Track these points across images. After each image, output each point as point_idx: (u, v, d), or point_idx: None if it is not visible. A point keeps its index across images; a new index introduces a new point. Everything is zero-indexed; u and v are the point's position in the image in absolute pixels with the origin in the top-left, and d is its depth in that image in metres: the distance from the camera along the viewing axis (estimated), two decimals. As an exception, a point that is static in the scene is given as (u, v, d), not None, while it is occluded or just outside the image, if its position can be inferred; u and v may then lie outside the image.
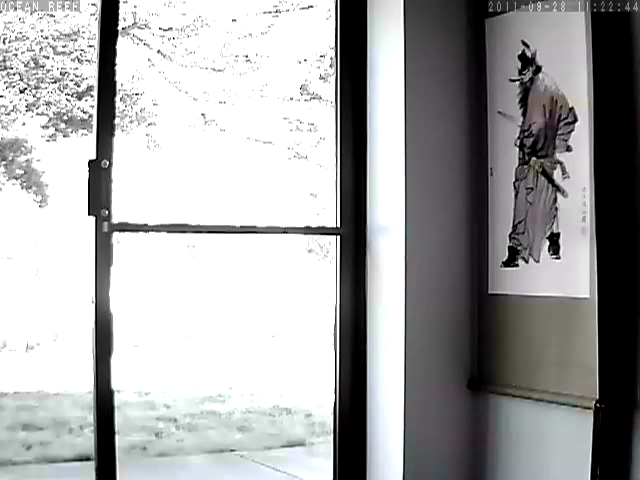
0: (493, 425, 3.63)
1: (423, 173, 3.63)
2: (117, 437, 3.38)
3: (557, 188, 3.38)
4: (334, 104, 3.81)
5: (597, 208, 3.21)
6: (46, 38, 9.31)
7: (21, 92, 9.39)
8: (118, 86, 3.42)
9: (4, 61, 9.26)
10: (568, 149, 3.34)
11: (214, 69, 9.72)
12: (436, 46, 3.65)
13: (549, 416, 3.41)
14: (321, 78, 9.85)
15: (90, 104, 9.27)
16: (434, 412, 3.63)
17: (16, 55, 9.27)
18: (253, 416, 8.29)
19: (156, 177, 9.64)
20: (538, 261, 3.45)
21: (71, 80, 9.51)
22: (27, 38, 9.23)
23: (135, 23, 9.50)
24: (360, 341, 3.73)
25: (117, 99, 3.42)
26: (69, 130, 9.66)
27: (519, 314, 3.51)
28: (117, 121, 3.41)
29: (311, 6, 9.61)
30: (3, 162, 9.63)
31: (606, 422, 3.18)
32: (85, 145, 8.76)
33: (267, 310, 10.37)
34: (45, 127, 9.64)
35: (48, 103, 9.50)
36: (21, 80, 9.36)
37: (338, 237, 3.77)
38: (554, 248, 3.38)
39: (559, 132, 3.37)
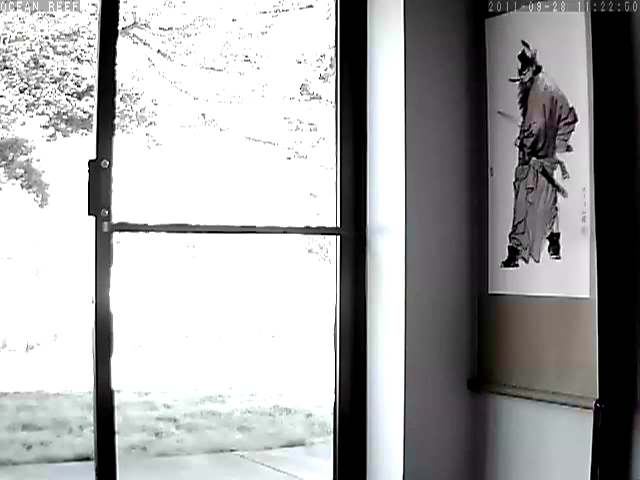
0: (493, 425, 3.63)
1: (423, 173, 3.63)
2: (117, 437, 3.38)
3: (557, 188, 3.38)
4: (334, 104, 3.81)
5: (597, 208, 3.21)
6: (46, 38, 9.31)
7: (21, 92, 9.39)
8: (118, 86, 3.43)
9: (4, 61, 9.26)
10: (568, 149, 3.34)
11: (214, 69, 9.72)
12: (436, 46, 3.65)
13: (549, 416, 3.41)
14: (321, 78, 9.84)
15: (90, 104, 9.27)
16: (434, 412, 3.63)
17: (16, 55, 9.27)
18: (253, 416, 8.29)
19: (156, 177, 9.64)
20: (538, 261, 3.45)
21: (71, 80, 9.51)
22: (27, 38, 9.23)
23: (135, 23, 9.50)
24: (360, 341, 3.73)
25: (117, 99, 3.42)
26: (69, 130, 9.66)
27: (519, 314, 3.51)
28: (117, 121, 3.41)
29: (311, 6, 9.61)
30: (3, 162, 9.63)
31: (606, 422, 3.18)
32: (85, 145, 8.76)
33: (267, 310, 10.37)
34: (45, 127, 9.64)
35: (48, 103, 9.50)
36: (21, 80, 9.36)
37: (338, 237, 3.77)
38: (554, 248, 3.38)
39: (559, 132, 3.37)
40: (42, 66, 9.42)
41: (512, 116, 3.55)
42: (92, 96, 8.46)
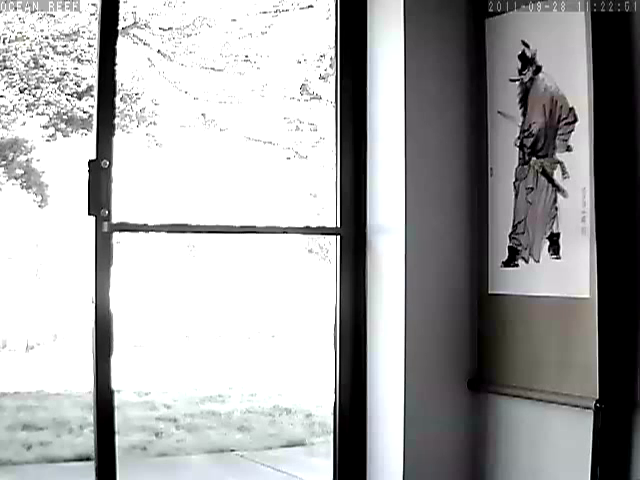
0: (493, 425, 3.63)
1: (423, 173, 3.63)
2: (117, 437, 3.38)
3: (557, 188, 3.38)
4: (334, 104, 3.81)
5: (597, 208, 3.21)
6: (46, 38, 9.31)
7: (21, 92, 9.38)
8: (118, 86, 3.42)
9: (4, 61, 9.26)
10: (568, 149, 3.34)
11: (214, 69, 9.72)
12: (436, 46, 3.65)
13: (549, 416, 3.41)
14: (321, 78, 9.84)
15: (90, 104, 9.27)
16: (434, 412, 3.63)
17: (16, 55, 9.27)
18: (253, 416, 8.29)
19: (156, 177, 9.64)
20: (538, 261, 3.45)
21: (71, 80, 9.51)
22: (27, 38, 9.23)
23: (135, 23, 9.49)
24: (360, 341, 3.73)
25: (117, 99, 3.42)
26: (69, 130, 9.66)
27: (519, 314, 3.51)
28: (117, 121, 3.41)
29: (311, 6, 9.61)
30: (3, 162, 9.63)
31: (606, 422, 3.18)
32: (85, 145, 8.76)
33: (267, 310, 10.37)
34: (45, 127, 9.64)
35: (48, 103, 9.49)
36: (21, 80, 9.36)
37: (338, 237, 3.77)
38: (554, 248, 3.38)
39: (559, 132, 3.37)
40: (42, 66, 9.42)
41: (512, 116, 3.55)
42: (92, 96, 8.45)
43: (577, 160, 3.29)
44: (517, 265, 3.53)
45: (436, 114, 3.66)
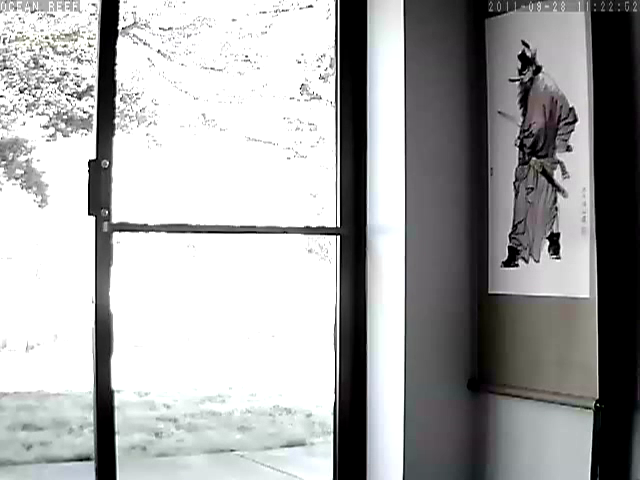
0: (493, 425, 3.63)
1: (423, 173, 3.63)
2: (117, 437, 3.38)
3: (557, 188, 3.38)
4: (334, 104, 3.81)
5: (597, 208, 3.21)
6: (46, 38, 9.32)
7: (21, 92, 9.39)
8: (118, 86, 3.43)
9: (4, 61, 9.26)
10: (568, 149, 3.34)
11: (214, 69, 9.73)
12: (436, 46, 3.65)
13: (549, 416, 3.41)
14: (321, 78, 9.85)
15: (90, 104, 9.27)
16: (434, 412, 3.63)
17: (16, 55, 9.27)
18: (253, 416, 8.29)
19: (156, 177, 9.64)
20: (538, 261, 3.45)
21: (71, 80, 9.51)
22: (27, 38, 9.23)
23: (135, 23, 9.50)
24: (360, 341, 3.73)
25: (117, 99, 3.42)
26: (69, 130, 9.66)
27: (519, 314, 3.51)
28: (117, 121, 3.41)
29: (311, 6, 9.62)
30: (3, 162, 9.63)
31: (606, 422, 3.18)
32: (85, 145, 8.76)
33: (267, 310, 10.37)
34: (45, 127, 9.65)
35: (48, 103, 9.50)
36: (21, 80, 9.36)
37: (338, 237, 3.77)
38: (554, 248, 3.38)
39: (559, 132, 3.37)
40: (42, 66, 9.43)
41: (512, 116, 3.55)
42: (92, 96, 8.46)
43: (577, 160, 3.29)
44: (517, 265, 3.53)
45: (436, 114, 3.66)
